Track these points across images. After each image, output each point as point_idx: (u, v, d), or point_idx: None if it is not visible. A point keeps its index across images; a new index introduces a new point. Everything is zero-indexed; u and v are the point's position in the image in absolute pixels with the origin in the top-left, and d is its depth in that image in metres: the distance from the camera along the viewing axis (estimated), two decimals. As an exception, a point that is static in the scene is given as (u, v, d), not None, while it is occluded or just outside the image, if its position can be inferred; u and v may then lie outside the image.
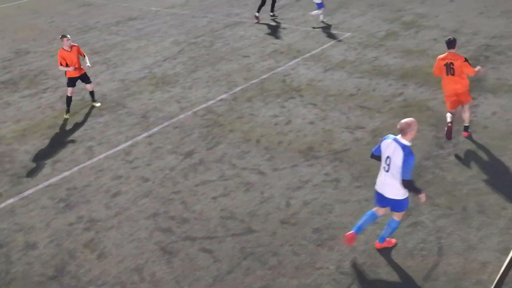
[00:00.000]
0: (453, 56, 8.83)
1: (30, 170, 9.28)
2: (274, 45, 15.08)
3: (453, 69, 8.79)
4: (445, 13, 16.89)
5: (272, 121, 10.44)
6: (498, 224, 7.02)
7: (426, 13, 17.07)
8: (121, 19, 19.25)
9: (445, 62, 8.87)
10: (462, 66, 8.74)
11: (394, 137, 6.20)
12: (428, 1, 18.55)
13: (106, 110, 11.61)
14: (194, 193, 8.30)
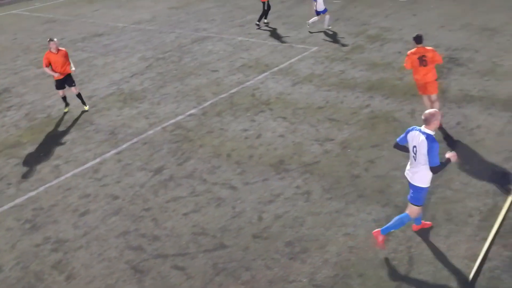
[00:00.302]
0: (423, 50, 9.79)
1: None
2: (243, 59, 15.16)
3: (426, 61, 9.74)
4: (408, 27, 17.35)
5: (242, 135, 10.45)
6: (466, 231, 7.18)
7: (390, 27, 17.50)
8: (87, 35, 19.03)
9: (417, 56, 9.79)
10: (434, 56, 9.79)
11: (419, 128, 6.49)
12: (392, 15, 19.05)
13: (73, 127, 11.40)
14: (165, 209, 8.20)
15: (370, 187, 8.36)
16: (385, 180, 8.51)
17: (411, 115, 10.76)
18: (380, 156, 9.27)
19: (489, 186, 8.12)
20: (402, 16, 18.84)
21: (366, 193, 8.20)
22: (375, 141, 9.79)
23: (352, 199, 8.08)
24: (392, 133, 10.05)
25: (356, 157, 9.29)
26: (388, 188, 8.29)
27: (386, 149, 9.49)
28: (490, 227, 7.19)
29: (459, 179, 8.37)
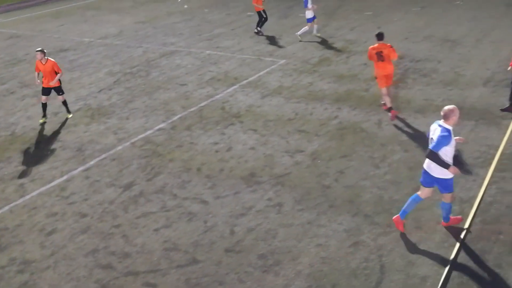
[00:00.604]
0: (381, 46, 10.96)
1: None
2: (211, 72, 15.17)
3: (383, 56, 10.91)
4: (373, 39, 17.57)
5: (212, 149, 10.42)
6: (435, 238, 7.31)
7: (355, 39, 17.84)
8: (52, 51, 18.71)
9: (376, 51, 10.99)
10: (390, 52, 10.86)
11: (438, 122, 6.88)
12: (357, 28, 19.44)
13: (38, 144, 11.15)
14: (135, 226, 8.07)
15: (341, 197, 8.44)
16: (355, 190, 8.61)
17: (378, 126, 10.96)
18: (349, 166, 9.38)
19: (455, 193, 8.30)
20: (367, 28, 19.25)
21: (337, 203, 8.27)
22: (344, 152, 9.92)
23: (323, 209, 8.14)
24: (360, 143, 10.21)
25: (326, 168, 9.37)
26: (357, 197, 8.38)
27: (355, 159, 9.61)
28: (458, 233, 7.34)
29: (426, 187, 8.54)
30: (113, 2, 29.21)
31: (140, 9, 26.33)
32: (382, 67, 11.03)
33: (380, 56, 10.92)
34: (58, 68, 12.16)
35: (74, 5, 28.72)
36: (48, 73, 12.00)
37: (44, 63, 11.95)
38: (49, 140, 11.33)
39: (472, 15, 20.42)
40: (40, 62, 12.00)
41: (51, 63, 12.00)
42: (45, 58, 11.97)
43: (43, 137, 11.47)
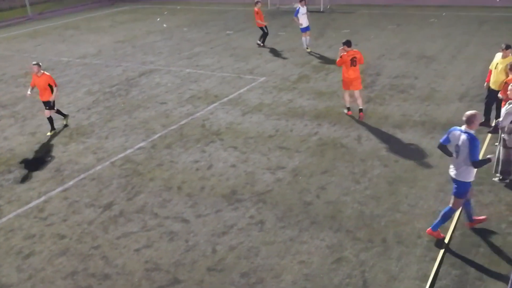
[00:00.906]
0: (354, 52, 12.01)
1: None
2: (191, 90, 15.18)
3: (356, 61, 11.96)
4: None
5: (193, 167, 10.37)
6: (416, 252, 7.36)
7: (334, 57, 18.05)
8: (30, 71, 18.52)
9: (350, 57, 11.92)
10: (361, 58, 12.12)
11: (459, 128, 7.17)
12: (335, 46, 19.70)
13: (15, 165, 10.95)
14: (115, 246, 7.94)
15: (322, 213, 8.46)
16: (336, 206, 8.64)
17: (357, 141, 11.06)
18: (330, 182, 9.43)
19: (435, 207, 8.40)
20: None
21: (319, 220, 8.28)
22: (325, 168, 9.97)
23: (305, 226, 8.13)
24: (341, 159, 10.28)
25: (308, 184, 9.40)
26: (339, 213, 8.41)
27: (335, 175, 9.67)
28: (438, 246, 7.41)
29: (406, 202, 8.62)
30: (92, 21, 29.17)
31: (119, 29, 26.34)
32: (353, 71, 12.04)
33: (354, 61, 11.94)
34: (53, 82, 12.42)
35: (52, 25, 28.59)
36: (42, 87, 12.28)
37: (39, 76, 12.24)
38: (27, 160, 11.14)
39: (446, 32, 20.93)
40: (36, 75, 12.27)
41: (46, 77, 12.28)
42: (41, 72, 12.27)
43: (21, 158, 11.28)
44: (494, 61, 10.84)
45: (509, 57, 10.53)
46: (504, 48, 10.55)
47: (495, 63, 10.72)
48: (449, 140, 7.31)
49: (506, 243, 7.39)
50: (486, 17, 23.63)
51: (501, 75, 10.42)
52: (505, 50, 10.54)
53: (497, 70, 10.61)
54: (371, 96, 13.80)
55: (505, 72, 10.24)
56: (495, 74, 10.70)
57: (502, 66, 10.43)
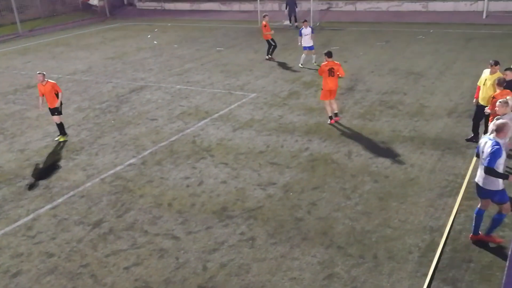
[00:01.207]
0: (333, 63, 12.80)
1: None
2: (182, 107, 15.19)
3: (333, 72, 12.71)
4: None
5: (183, 183, 10.32)
6: (407, 268, 7.35)
7: (324, 73, 18.21)
8: (19, 87, 18.47)
9: (328, 68, 12.71)
10: (339, 69, 12.81)
11: (488, 136, 7.28)
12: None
13: (3, 183, 10.82)
14: (104, 264, 7.84)
15: (313, 229, 8.44)
16: (327, 222, 8.63)
17: (348, 157, 11.10)
18: (321, 198, 9.43)
19: (425, 223, 8.42)
20: (334, 62, 19.69)
21: (310, 236, 8.25)
22: (316, 183, 9.97)
23: (296, 242, 8.10)
24: (331, 174, 10.30)
25: (299, 200, 9.39)
26: (330, 229, 8.40)
27: (326, 190, 9.68)
28: (429, 262, 7.41)
29: (397, 217, 8.63)
30: (82, 38, 29.19)
31: (109, 45, 26.37)
32: (331, 82, 12.76)
33: (331, 72, 12.69)
34: (58, 89, 12.77)
35: (42, 42, 28.57)
36: (48, 94, 12.62)
37: (44, 84, 12.56)
38: (15, 177, 11.03)
39: (434, 49, 21.22)
40: (41, 84, 12.60)
41: (50, 84, 12.61)
42: (45, 80, 12.57)
43: (9, 175, 11.16)
44: (482, 77, 10.98)
45: (497, 73, 10.69)
46: (493, 64, 10.71)
47: (484, 79, 10.87)
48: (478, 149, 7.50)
49: (497, 258, 7.41)
50: (473, 34, 24.01)
51: (490, 91, 10.56)
52: (494, 66, 10.70)
53: (485, 86, 10.74)
54: (361, 112, 13.90)
55: (493, 88, 10.38)
56: (484, 90, 10.83)
57: (490, 82, 10.57)
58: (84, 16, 38.07)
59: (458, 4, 32.07)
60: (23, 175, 11.14)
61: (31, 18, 35.75)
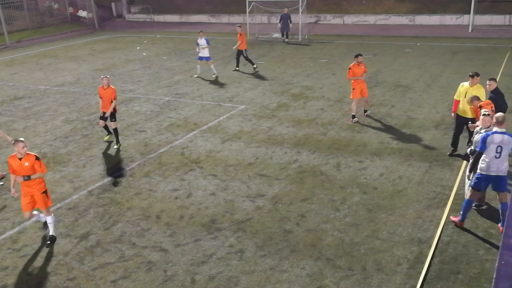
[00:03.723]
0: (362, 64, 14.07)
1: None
2: (171, 119, 15.16)
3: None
4: (329, 85, 18.29)
5: (172, 195, 10.27)
6: (396, 280, 7.35)
7: (312, 86, 18.35)
8: (6, 99, 18.31)
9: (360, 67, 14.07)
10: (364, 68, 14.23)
11: (495, 131, 8.03)
12: (313, 75, 20.04)
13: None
14: (91, 278, 7.74)
15: (302, 241, 8.42)
16: (316, 234, 8.62)
17: (336, 168, 11.14)
18: (310, 209, 9.43)
19: (413, 234, 8.45)
20: (322, 75, 19.87)
21: (299, 248, 8.24)
22: (305, 195, 9.98)
23: (285, 254, 8.08)
24: (320, 186, 10.31)
25: (287, 212, 9.38)
26: (319, 241, 8.39)
27: (315, 202, 9.68)
28: (418, 274, 7.42)
29: (386, 229, 8.65)
30: (70, 50, 29.12)
31: (97, 57, 26.32)
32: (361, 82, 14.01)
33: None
34: (115, 96, 12.92)
35: (30, 53, 28.43)
36: (108, 99, 12.81)
37: (105, 88, 12.78)
38: (1, 190, 10.88)
39: (421, 62, 21.48)
40: (103, 88, 12.82)
41: (111, 90, 12.84)
42: (108, 85, 12.80)
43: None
44: (461, 90, 11.05)
45: (477, 85, 10.82)
46: (474, 76, 10.83)
47: (464, 91, 10.95)
48: (487, 146, 8.00)
49: (484, 270, 7.45)
50: (459, 48, 24.37)
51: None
52: (475, 78, 10.82)
53: (466, 99, 10.79)
54: (350, 124, 13.98)
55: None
56: (464, 102, 10.91)
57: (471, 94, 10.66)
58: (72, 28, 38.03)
59: (444, 18, 32.63)
60: (9, 187, 10.98)
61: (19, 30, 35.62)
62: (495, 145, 8.00)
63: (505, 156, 8.06)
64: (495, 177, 8.15)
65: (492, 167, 8.10)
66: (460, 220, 8.53)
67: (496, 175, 8.13)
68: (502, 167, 8.11)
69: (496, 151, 8.01)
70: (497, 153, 8.01)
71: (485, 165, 8.16)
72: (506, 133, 8.03)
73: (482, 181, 8.26)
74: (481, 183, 8.28)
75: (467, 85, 10.97)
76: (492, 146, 8.02)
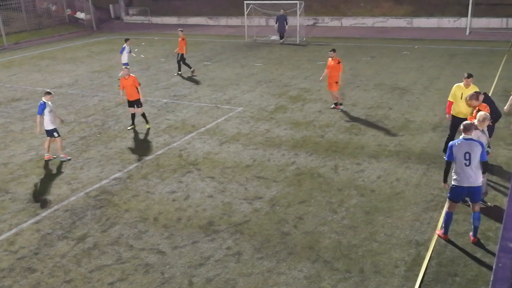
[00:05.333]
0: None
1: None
2: (169, 121, 15.15)
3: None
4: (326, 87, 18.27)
5: (169, 197, 10.25)
6: (393, 282, 7.35)
7: (309, 88, 18.37)
8: (3, 100, 18.28)
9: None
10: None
11: (461, 138, 7.86)
12: (310, 77, 20.06)
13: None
14: (88, 280, 7.72)
15: (300, 243, 8.42)
16: (314, 236, 8.62)
17: (334, 171, 11.14)
18: (308, 212, 9.42)
19: (411, 237, 8.46)
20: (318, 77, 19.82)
21: (296, 250, 8.23)
22: (302, 197, 9.98)
23: (283, 257, 8.07)
24: (318, 188, 10.31)
25: (285, 214, 9.37)
26: (317, 243, 8.39)
27: (313, 204, 9.68)
28: (415, 276, 7.42)
29: (383, 231, 8.65)
30: (68, 51, 29.09)
31: (95, 59, 26.31)
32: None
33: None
34: (137, 83, 14.16)
35: (28, 55, 28.41)
36: (130, 87, 14.01)
37: (127, 78, 13.99)
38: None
39: (418, 64, 21.52)
40: (124, 78, 14.03)
41: (132, 78, 14.08)
42: (128, 74, 14.02)
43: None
44: (457, 92, 11.02)
45: (472, 86, 10.83)
46: (468, 77, 10.84)
47: (460, 93, 10.95)
48: (453, 154, 7.82)
49: (482, 272, 7.46)
50: (457, 50, 24.43)
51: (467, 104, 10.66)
52: (469, 79, 10.84)
53: (463, 100, 10.80)
54: (347, 126, 13.99)
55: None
56: (460, 103, 10.91)
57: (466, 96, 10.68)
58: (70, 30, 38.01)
59: (442, 20, 32.71)
60: (6, 189, 10.97)
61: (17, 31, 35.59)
62: (463, 152, 7.73)
63: (476, 165, 7.73)
64: (467, 188, 7.84)
65: (465, 177, 7.79)
66: (444, 233, 8.28)
67: (469, 186, 7.81)
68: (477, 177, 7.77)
69: (464, 158, 7.71)
70: (466, 160, 7.70)
71: (457, 176, 7.88)
72: (474, 140, 7.80)
73: (457, 192, 7.98)
74: (456, 194, 8.00)
75: (462, 86, 10.99)
76: (460, 154, 7.74)
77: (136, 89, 14.10)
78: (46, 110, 12.15)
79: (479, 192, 7.94)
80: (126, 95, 14.19)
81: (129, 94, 14.12)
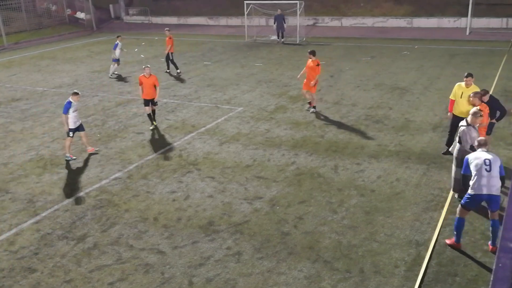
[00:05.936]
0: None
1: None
2: (169, 121, 15.15)
3: None
4: (326, 87, 18.30)
5: (170, 197, 10.25)
6: (393, 282, 7.35)
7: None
8: (3, 100, 18.28)
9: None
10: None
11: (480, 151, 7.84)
12: (311, 77, 20.01)
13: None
14: (88, 280, 7.72)
15: (300, 243, 8.41)
16: (314, 236, 8.62)
17: (334, 171, 11.14)
18: (308, 212, 9.42)
19: (411, 237, 8.46)
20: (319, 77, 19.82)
21: (296, 250, 8.23)
22: (302, 197, 9.97)
23: (283, 257, 8.07)
24: (318, 188, 10.31)
25: (285, 214, 9.37)
26: (317, 243, 8.39)
27: (313, 204, 9.68)
28: (415, 276, 7.42)
29: (383, 231, 8.65)
30: (68, 51, 29.10)
31: (95, 59, 26.31)
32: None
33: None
34: (157, 82, 14.35)
35: (28, 55, 28.41)
36: (150, 87, 14.11)
37: (147, 77, 14.03)
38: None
39: (418, 64, 21.52)
40: (145, 76, 14.05)
41: (153, 77, 14.22)
42: (149, 73, 14.07)
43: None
44: (457, 91, 11.10)
45: (472, 85, 10.90)
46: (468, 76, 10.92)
47: (460, 92, 11.02)
48: (471, 164, 7.72)
49: (482, 272, 7.46)
50: (457, 50, 24.43)
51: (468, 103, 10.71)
52: (470, 78, 10.91)
53: (463, 99, 10.90)
54: (347, 126, 13.99)
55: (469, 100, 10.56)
56: (461, 103, 10.97)
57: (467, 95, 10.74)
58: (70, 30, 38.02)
59: (442, 20, 32.72)
60: (6, 189, 10.97)
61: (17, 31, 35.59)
62: (481, 161, 7.59)
63: (496, 173, 7.56)
64: (487, 196, 7.61)
65: (485, 185, 7.56)
66: (456, 242, 8.04)
67: (492, 194, 7.58)
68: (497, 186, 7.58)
69: (484, 167, 7.54)
70: (487, 166, 7.54)
71: (475, 184, 7.64)
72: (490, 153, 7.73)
73: (474, 200, 7.74)
74: (473, 202, 7.78)
75: (463, 85, 11.04)
76: (478, 163, 7.59)
77: (155, 88, 14.22)
78: (71, 110, 12.14)
79: (497, 201, 7.66)
80: (144, 94, 14.21)
81: (147, 93, 14.15)
